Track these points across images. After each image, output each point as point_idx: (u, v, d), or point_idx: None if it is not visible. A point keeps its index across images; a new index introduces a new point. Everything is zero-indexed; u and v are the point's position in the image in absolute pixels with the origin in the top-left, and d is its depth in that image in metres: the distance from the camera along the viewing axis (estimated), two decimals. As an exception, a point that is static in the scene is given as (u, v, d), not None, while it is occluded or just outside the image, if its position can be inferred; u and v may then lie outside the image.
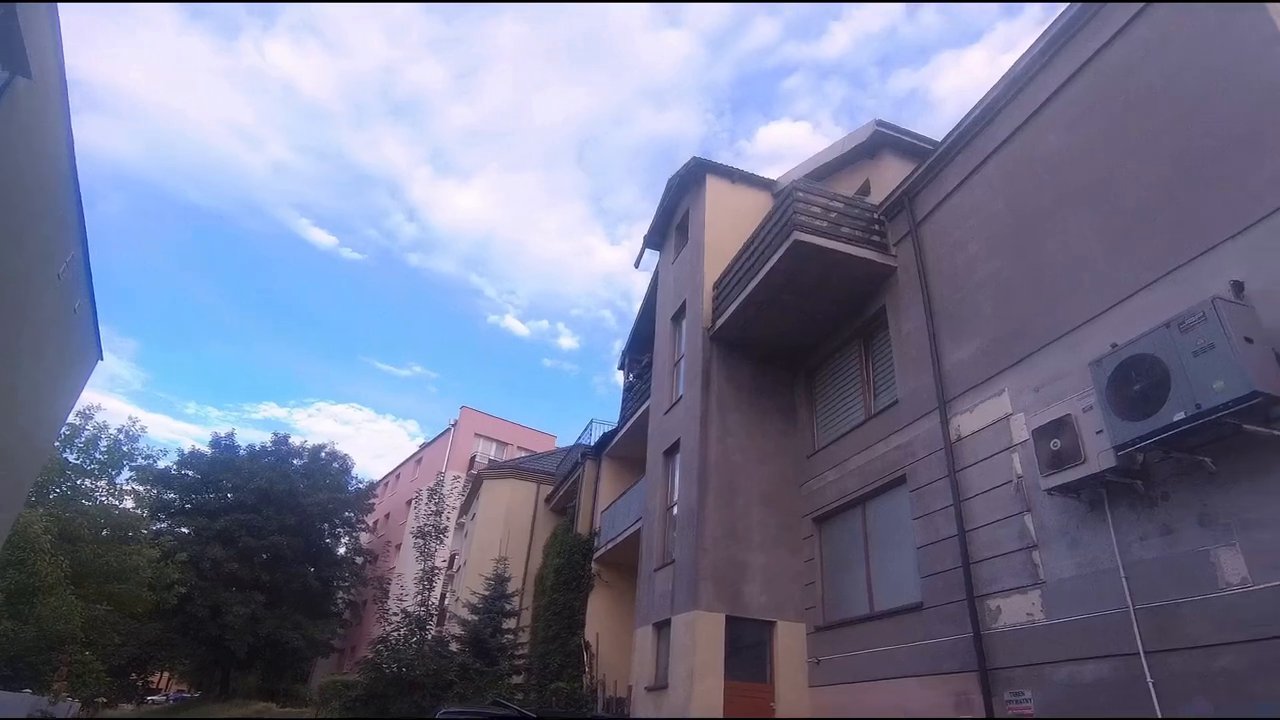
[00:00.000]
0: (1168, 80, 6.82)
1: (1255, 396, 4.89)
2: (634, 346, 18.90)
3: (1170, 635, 5.73)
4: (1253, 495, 5.36)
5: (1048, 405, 7.06)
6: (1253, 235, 5.71)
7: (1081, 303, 7.21)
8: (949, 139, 9.62)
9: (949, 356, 8.93)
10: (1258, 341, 5.14)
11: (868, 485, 9.97)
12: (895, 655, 8.69)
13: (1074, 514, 6.79)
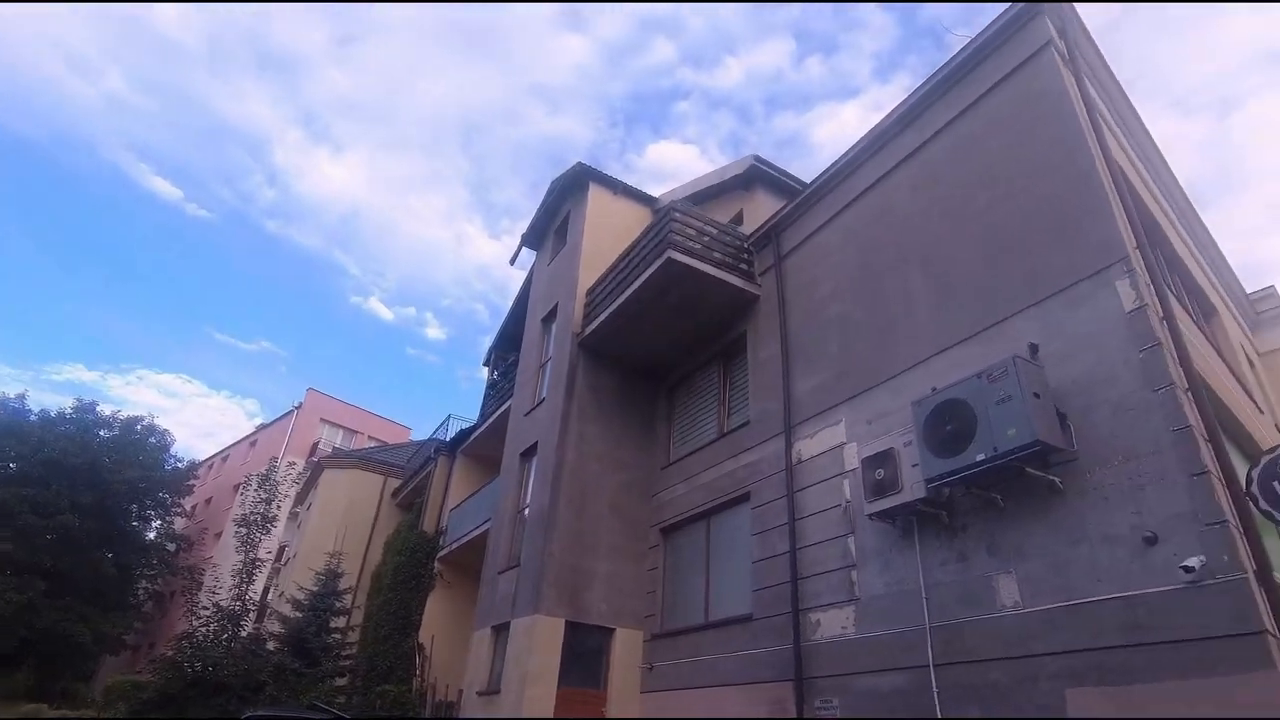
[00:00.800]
0: (993, 164, 7.77)
1: (1036, 445, 5.66)
2: (501, 344, 18.57)
3: (954, 650, 6.45)
4: (1028, 530, 6.18)
5: (876, 438, 7.76)
6: (1048, 306, 6.63)
7: (911, 349, 7.99)
8: (816, 183, 10.35)
9: (798, 385, 9.56)
10: (1044, 397, 5.96)
11: (714, 500, 10.41)
12: (723, 663, 9.11)
13: (889, 538, 7.47)
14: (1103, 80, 8.27)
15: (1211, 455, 5.38)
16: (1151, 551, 5.38)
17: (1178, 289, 8.53)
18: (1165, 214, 9.17)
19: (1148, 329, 5.82)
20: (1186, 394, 5.62)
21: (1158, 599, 5.26)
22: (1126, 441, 5.73)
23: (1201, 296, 9.59)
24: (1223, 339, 9.56)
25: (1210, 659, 4.90)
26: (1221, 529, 5.07)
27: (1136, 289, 5.97)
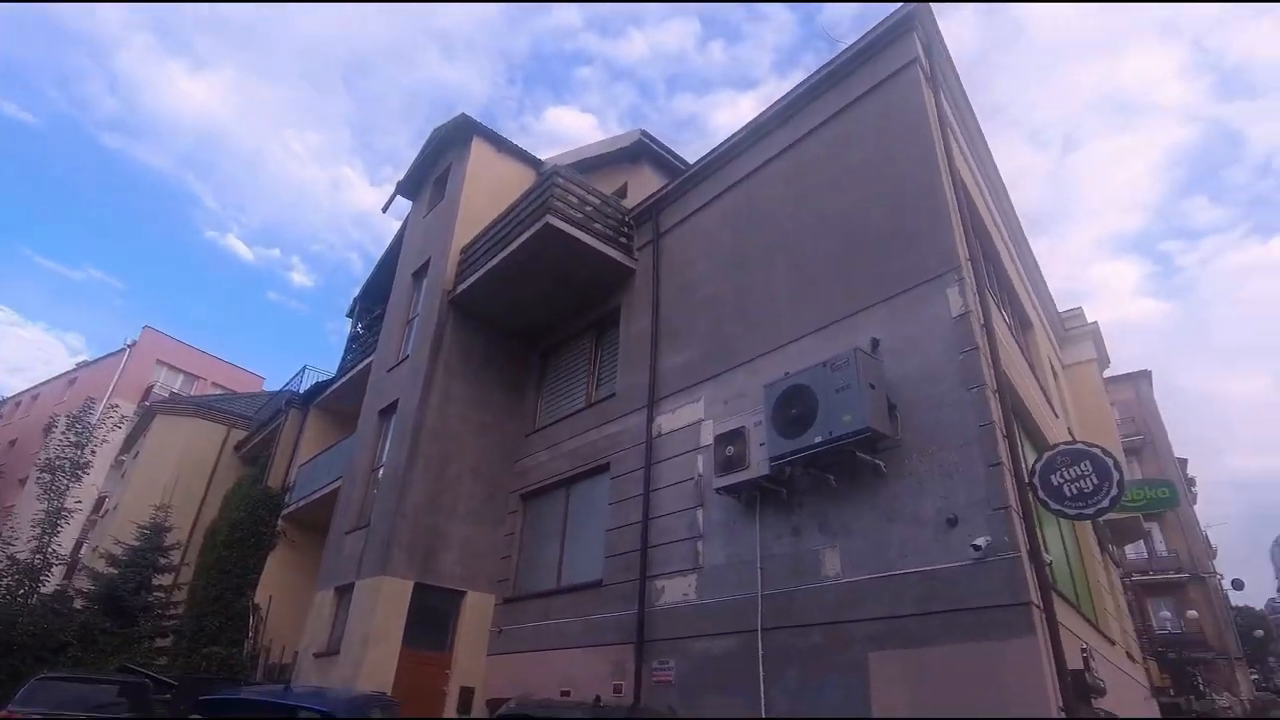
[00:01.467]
0: (855, 168, 8.32)
1: (867, 431, 6.21)
2: (369, 296, 17.60)
3: (782, 616, 6.99)
4: (854, 509, 6.78)
5: (731, 416, 8.16)
6: (891, 305, 7.23)
7: (771, 335, 8.45)
8: (698, 165, 10.59)
9: (665, 361, 9.84)
10: (878, 389, 6.52)
11: (576, 468, 10.55)
12: (571, 627, 9.34)
13: (734, 512, 7.92)
14: (959, 103, 9.03)
15: (1006, 450, 6.12)
16: (951, 532, 6.07)
17: (1001, 301, 9.55)
18: (1000, 233, 10.21)
19: (969, 334, 6.50)
20: (994, 394, 6.34)
21: (951, 573, 5.95)
22: (942, 433, 6.40)
23: (1021, 310, 10.80)
24: (1034, 350, 10.84)
25: (987, 625, 5.63)
26: (1005, 513, 5.81)
27: (964, 297, 6.64)
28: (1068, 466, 6.36)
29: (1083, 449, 6.37)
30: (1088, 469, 6.22)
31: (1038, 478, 6.42)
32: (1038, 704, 5.21)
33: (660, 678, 7.90)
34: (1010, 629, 5.51)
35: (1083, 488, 6.23)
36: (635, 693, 7.98)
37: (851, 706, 6.11)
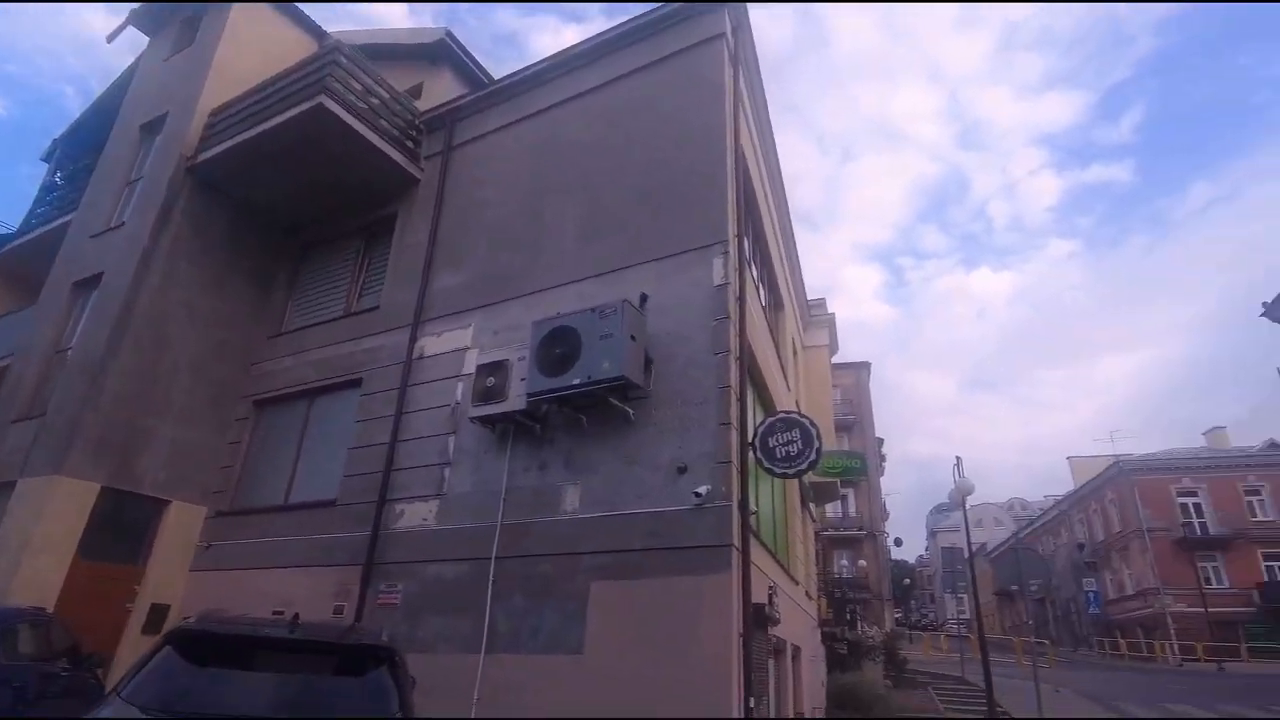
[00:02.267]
0: (655, 125, 8.50)
1: (621, 379, 6.52)
2: (77, 141, 14.30)
3: (517, 545, 7.19)
4: (599, 450, 7.13)
5: (498, 348, 8.07)
6: (664, 265, 7.58)
7: (553, 272, 8.43)
8: (503, 83, 10.07)
9: (438, 280, 9.38)
10: (639, 341, 6.86)
11: (323, 380, 9.76)
12: (295, 546, 8.74)
13: (486, 442, 7.90)
14: (755, 90, 9.59)
15: (737, 411, 6.82)
16: (680, 479, 6.65)
17: (761, 280, 10.52)
18: (771, 218, 11.16)
19: (724, 303, 7.06)
20: (736, 361, 7.00)
21: (674, 515, 6.54)
22: (686, 389, 6.92)
23: (777, 291, 12.02)
24: (781, 328, 12.17)
25: (695, 562, 6.30)
26: (726, 467, 6.50)
27: (726, 269, 7.18)
28: (782, 432, 7.25)
29: (796, 419, 7.31)
30: (797, 436, 7.15)
31: (758, 439, 7.26)
32: (723, 629, 5.99)
33: (386, 600, 7.75)
34: (712, 566, 6.22)
35: (790, 451, 7.16)
36: (356, 614, 7.76)
37: (567, 627, 6.53)
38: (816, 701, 11.96)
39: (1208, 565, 34.19)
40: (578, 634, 6.48)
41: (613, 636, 6.32)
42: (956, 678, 18.34)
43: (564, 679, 6.36)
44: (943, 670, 20.04)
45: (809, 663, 11.82)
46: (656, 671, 6.00)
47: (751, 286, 8.49)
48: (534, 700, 6.39)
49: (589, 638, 6.41)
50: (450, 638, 7.09)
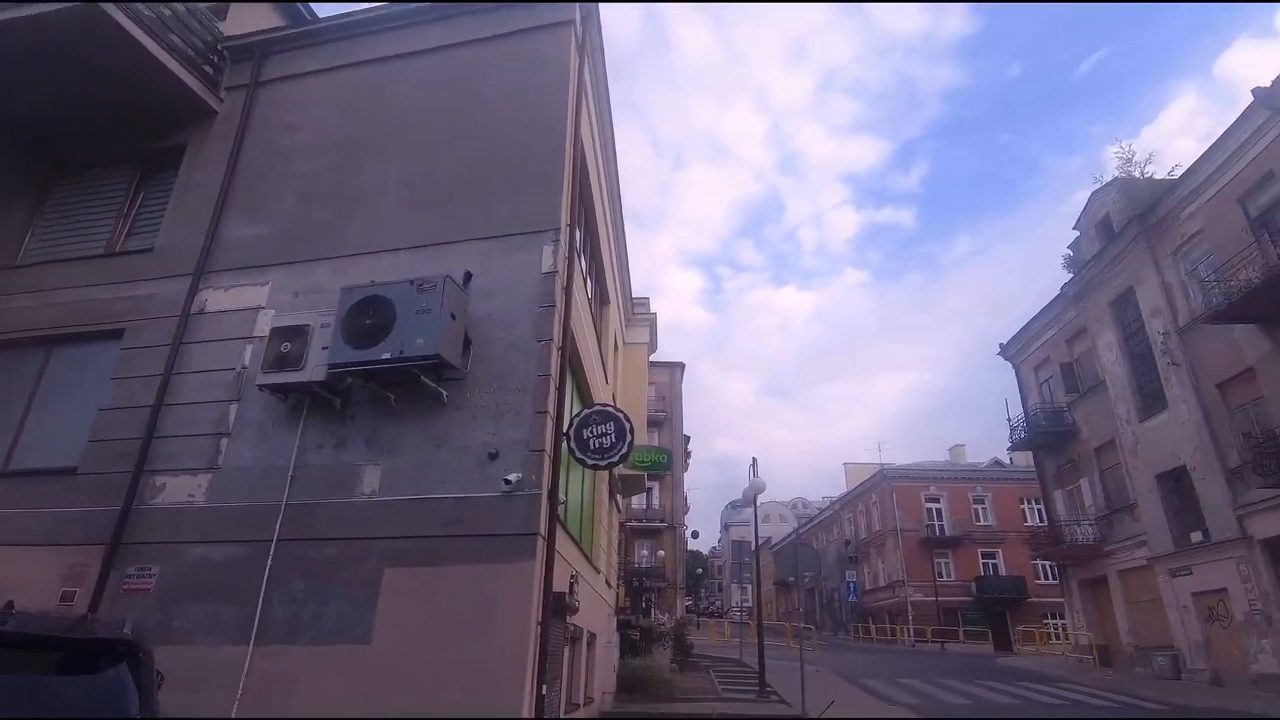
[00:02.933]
0: (495, 100, 8.25)
1: (436, 358, 6.22)
2: None
3: (303, 527, 6.59)
4: (407, 431, 6.75)
5: (297, 311, 7.33)
6: (492, 245, 7.36)
7: (369, 237, 7.84)
8: (329, 21, 9.22)
9: (231, 229, 8.33)
10: (459, 320, 6.59)
11: (71, 326, 8.27)
12: (17, 521, 7.30)
13: (276, 413, 7.16)
14: (599, 82, 9.64)
15: (555, 400, 6.80)
16: (490, 465, 6.50)
17: (589, 272, 10.60)
18: (605, 213, 11.29)
19: (551, 291, 7.01)
20: (558, 351, 6.97)
21: (481, 502, 6.38)
22: (505, 374, 6.78)
23: (604, 285, 12.18)
24: (606, 322, 12.35)
25: (499, 550, 6.19)
26: (539, 455, 6.46)
27: (555, 257, 7.13)
28: (598, 425, 7.37)
29: (612, 412, 7.46)
30: (611, 429, 7.30)
31: (573, 430, 7.31)
32: (522, 618, 5.95)
33: (134, 586, 6.75)
34: (516, 554, 6.16)
35: (604, 444, 7.30)
36: (93, 602, 6.66)
37: (354, 616, 6.12)
38: (607, 686, 12.32)
39: (941, 561, 40.23)
40: (365, 623, 6.09)
41: (404, 626, 6.02)
42: (735, 661, 19.82)
43: (346, 671, 5.95)
44: (724, 654, 21.57)
45: (603, 649, 12.13)
46: (448, 662, 5.82)
47: (580, 278, 8.51)
48: (308, 695, 5.90)
49: (378, 627, 6.06)
50: (214, 628, 6.34)
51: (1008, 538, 39.01)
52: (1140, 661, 19.60)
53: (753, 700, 14.03)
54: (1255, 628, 15.67)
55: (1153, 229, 18.99)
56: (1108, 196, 21.78)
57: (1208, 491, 17.05)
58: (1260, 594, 15.54)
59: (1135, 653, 20.01)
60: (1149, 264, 19.13)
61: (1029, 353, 26.35)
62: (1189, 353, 17.71)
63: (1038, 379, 25.90)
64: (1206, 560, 17.13)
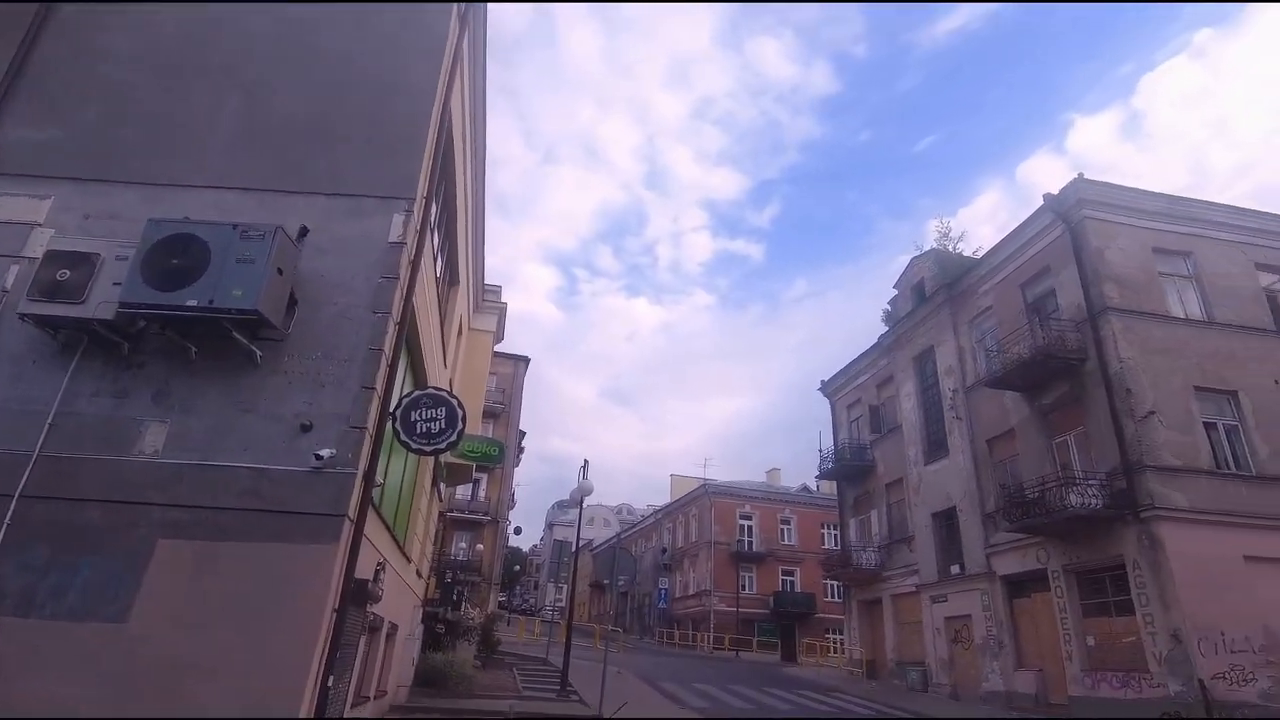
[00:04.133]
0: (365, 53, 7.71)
1: (254, 314, 5.66)
2: None
3: (58, 485, 5.69)
4: (207, 389, 6.08)
5: (87, 236, 6.35)
6: (337, 202, 6.86)
7: (191, 166, 7.01)
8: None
9: (11, 127, 7.06)
10: (286, 276, 6.04)
11: None
12: None
13: (41, 349, 6.14)
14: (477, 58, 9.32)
15: (384, 377, 6.44)
16: (302, 437, 6.01)
17: (441, 249, 10.18)
18: (466, 191, 10.91)
19: (395, 264, 6.65)
20: (395, 326, 6.62)
21: (286, 476, 5.88)
22: (332, 343, 6.32)
23: (455, 266, 11.75)
24: (452, 304, 11.91)
25: (300, 529, 5.73)
26: (360, 433, 6.08)
27: (405, 229, 6.78)
28: (428, 408, 7.07)
29: (445, 397, 7.19)
30: (441, 414, 7.03)
31: (401, 410, 6.95)
32: (316, 605, 5.55)
33: None
34: (319, 535, 5.74)
35: (432, 429, 7.01)
36: None
37: (111, 590, 5.37)
38: (404, 680, 11.81)
39: (746, 575, 42.93)
40: (125, 599, 5.37)
41: (174, 605, 5.39)
42: (541, 659, 19.81)
43: (93, 652, 5.21)
44: (531, 653, 21.48)
45: (404, 641, 11.63)
46: (223, 648, 5.29)
47: (430, 254, 8.16)
48: (38, 680, 5.09)
49: (140, 604, 5.36)
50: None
51: (806, 558, 42.46)
52: (898, 675, 22.09)
53: (552, 699, 14.09)
54: (989, 650, 18.24)
55: (956, 298, 21.66)
56: (924, 264, 24.57)
57: (968, 531, 19.64)
58: (996, 622, 18.13)
59: (896, 667, 22.52)
60: (949, 328, 21.78)
61: (844, 392, 28.95)
62: (970, 410, 20.35)
63: (849, 416, 28.51)
64: (959, 590, 19.71)
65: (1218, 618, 13.11)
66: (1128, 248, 16.66)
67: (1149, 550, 13.86)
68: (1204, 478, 14.50)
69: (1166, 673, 13.17)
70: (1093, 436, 15.84)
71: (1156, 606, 13.57)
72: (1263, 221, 18.03)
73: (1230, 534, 13.97)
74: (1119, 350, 15.33)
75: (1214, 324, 16.35)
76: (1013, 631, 17.77)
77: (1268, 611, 13.44)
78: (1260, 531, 14.15)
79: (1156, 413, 14.82)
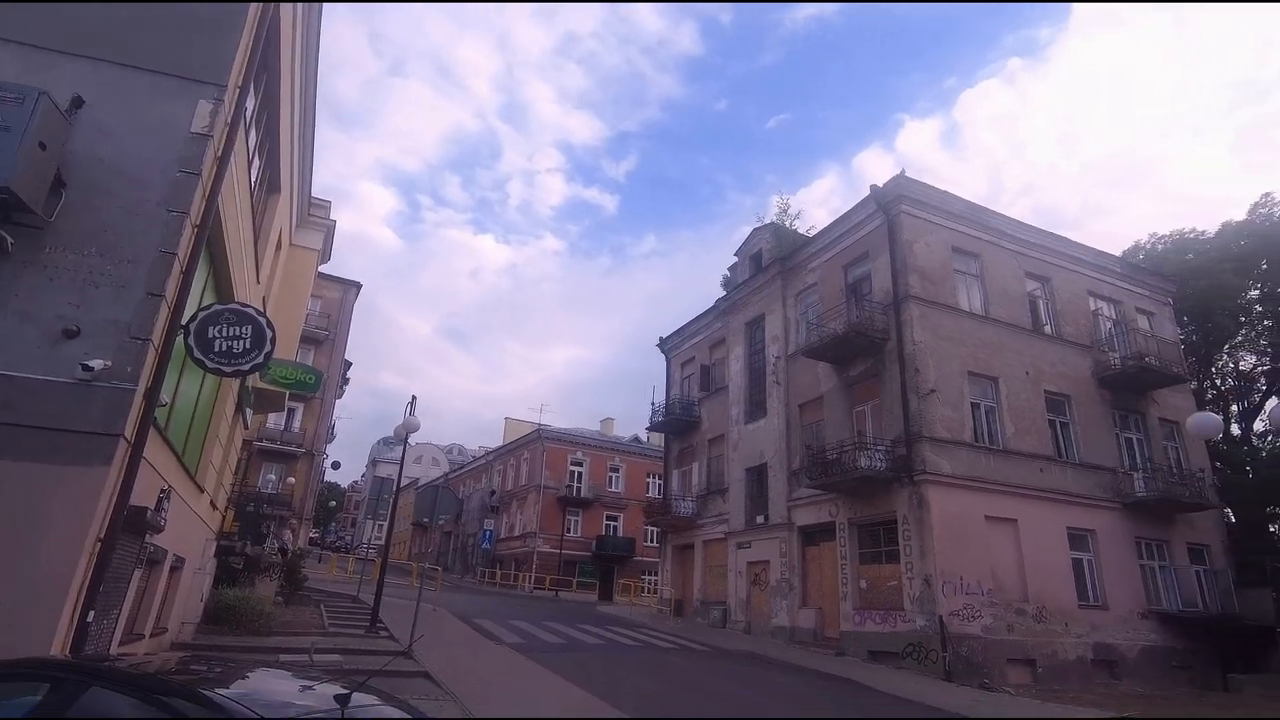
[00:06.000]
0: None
1: (5, 193, 4.78)
2: None
3: None
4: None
5: None
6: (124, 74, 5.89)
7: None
8: None
9: None
10: (50, 152, 5.13)
11: None
12: None
13: None
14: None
15: (176, 286, 5.75)
16: (65, 344, 5.27)
17: (260, 149, 9.11)
18: (294, 89, 9.76)
19: (198, 158, 5.88)
20: (194, 229, 5.90)
21: (43, 386, 5.16)
22: (112, 241, 5.53)
23: (276, 171, 10.56)
24: (269, 213, 10.76)
25: (62, 447, 5.09)
26: (142, 345, 5.42)
27: (214, 119, 5.99)
28: (230, 325, 6.44)
29: (252, 315, 6.57)
30: (247, 333, 6.43)
31: (196, 324, 6.27)
32: (76, 531, 5.00)
33: None
34: (87, 457, 5.14)
35: (234, 348, 6.40)
36: None
37: None
38: (191, 616, 10.95)
39: (572, 518, 44.09)
40: None
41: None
42: (352, 596, 19.15)
43: None
44: (343, 590, 20.70)
45: (192, 575, 10.75)
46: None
47: (244, 152, 7.30)
48: None
49: None
50: None
51: (630, 505, 44.36)
52: (702, 613, 23.99)
53: (360, 635, 13.76)
54: (780, 592, 20.31)
55: (788, 272, 23.17)
56: (764, 236, 25.96)
57: (775, 486, 21.52)
58: (790, 567, 20.18)
59: (700, 606, 24.42)
60: (779, 299, 23.31)
61: (680, 350, 30.17)
62: (788, 376, 22.08)
63: (682, 374, 29.82)
64: (762, 538, 21.64)
65: (959, 566, 15.53)
66: (933, 244, 18.69)
67: (917, 508, 16.02)
68: (965, 449, 16.93)
69: (916, 610, 15.44)
70: (885, 408, 17.86)
71: (916, 556, 15.78)
72: (1037, 236, 20.97)
73: (978, 497, 16.51)
74: (914, 334, 17.29)
75: (989, 319, 18.91)
76: (802, 575, 19.88)
77: (996, 561, 16.15)
78: (999, 496, 16.86)
79: (937, 391, 16.98)
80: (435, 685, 9.49)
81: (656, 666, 13.81)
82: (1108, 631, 17.02)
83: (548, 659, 12.88)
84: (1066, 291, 20.89)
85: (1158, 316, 22.64)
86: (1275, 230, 27.42)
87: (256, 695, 2.95)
